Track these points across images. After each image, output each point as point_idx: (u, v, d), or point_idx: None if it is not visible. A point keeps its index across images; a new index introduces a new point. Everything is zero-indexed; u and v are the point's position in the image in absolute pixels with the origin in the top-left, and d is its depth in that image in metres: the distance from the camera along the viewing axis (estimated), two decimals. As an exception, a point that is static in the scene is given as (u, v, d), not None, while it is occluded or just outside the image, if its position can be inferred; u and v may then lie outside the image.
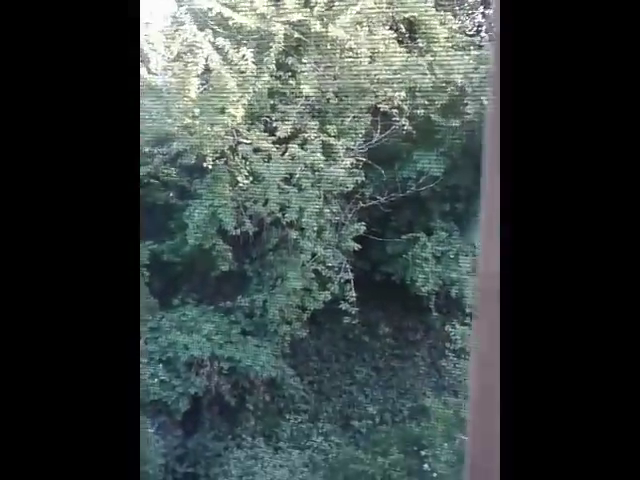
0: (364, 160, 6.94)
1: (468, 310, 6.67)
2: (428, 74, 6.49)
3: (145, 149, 6.95)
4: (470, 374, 1.54)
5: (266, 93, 6.97)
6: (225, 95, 6.95)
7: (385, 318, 8.02)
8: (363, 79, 6.69)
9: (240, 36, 7.07)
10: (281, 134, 6.90)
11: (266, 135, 6.99)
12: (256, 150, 7.01)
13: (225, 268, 7.25)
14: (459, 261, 6.93)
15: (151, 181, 7.28)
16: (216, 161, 6.96)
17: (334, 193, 7.03)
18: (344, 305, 7.00)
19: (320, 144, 6.86)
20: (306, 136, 6.90)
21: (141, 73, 6.86)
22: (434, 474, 6.45)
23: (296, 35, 6.84)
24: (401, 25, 6.74)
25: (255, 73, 6.83)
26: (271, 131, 7.00)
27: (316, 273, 7.15)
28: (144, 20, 7.01)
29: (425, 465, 6.52)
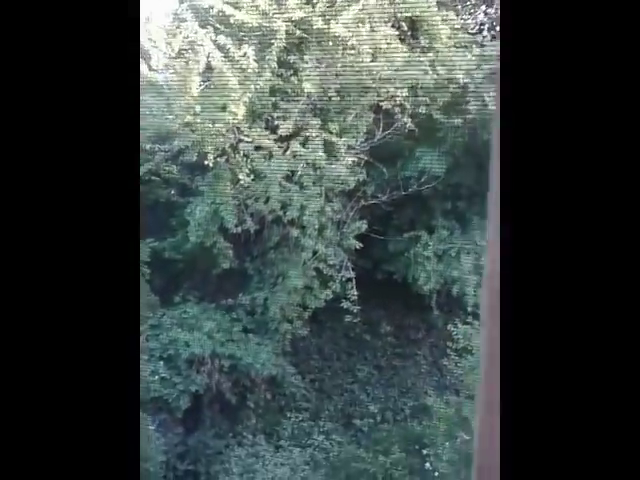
0: (366, 158, 6.93)
1: (470, 309, 6.66)
2: (430, 72, 6.47)
3: (146, 146, 6.94)
4: (480, 373, 1.54)
5: (268, 91, 6.95)
6: (226, 93, 6.94)
7: (387, 316, 8.00)
8: (365, 77, 6.67)
9: (242, 33, 7.06)
10: (283, 132, 6.88)
11: (268, 133, 6.97)
12: (257, 148, 7.00)
13: (226, 266, 7.26)
14: (461, 259, 6.90)
15: (152, 178, 7.28)
16: (217, 159, 6.95)
17: (336, 191, 7.01)
18: (345, 303, 6.98)
19: (322, 142, 6.84)
20: (308, 134, 6.88)
21: (142, 70, 6.85)
22: (435, 473, 6.44)
23: (298, 33, 6.82)
24: (403, 23, 6.72)
25: (257, 71, 6.81)
26: (273, 129, 6.99)
27: (317, 271, 7.13)
28: (145, 16, 7.01)
29: (427, 464, 6.51)
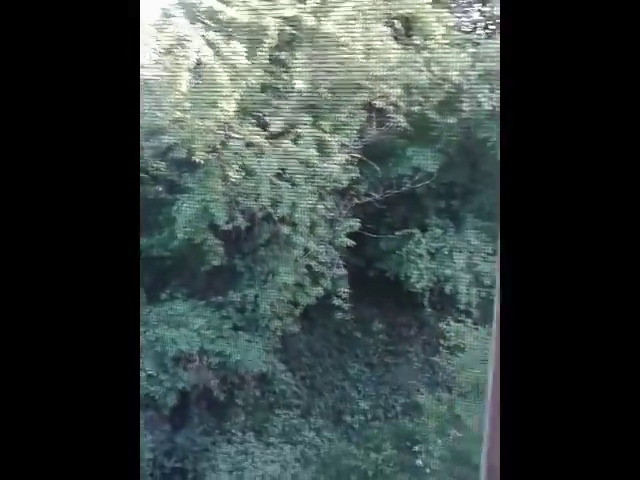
0: (359, 156, 6.92)
1: (462, 307, 6.69)
2: (424, 71, 6.47)
3: (135, 143, 6.87)
4: (489, 374, 1.54)
5: (259, 88, 6.92)
6: (216, 89, 6.89)
7: (379, 314, 8.01)
8: (358, 75, 6.65)
9: (231, 30, 7.02)
10: (274, 129, 6.85)
11: (258, 130, 6.94)
12: (248, 145, 6.96)
13: (217, 263, 7.22)
14: (453, 257, 6.93)
15: (141, 175, 7.22)
16: (207, 155, 6.91)
17: (328, 189, 7.00)
18: (337, 301, 6.99)
19: (313, 140, 6.82)
20: (299, 131, 6.86)
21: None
22: (427, 469, 6.47)
23: (289, 30, 6.79)
24: (397, 21, 6.71)
25: (247, 67, 6.77)
26: (263, 126, 6.96)
27: (308, 269, 7.12)
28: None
29: (418, 461, 6.55)
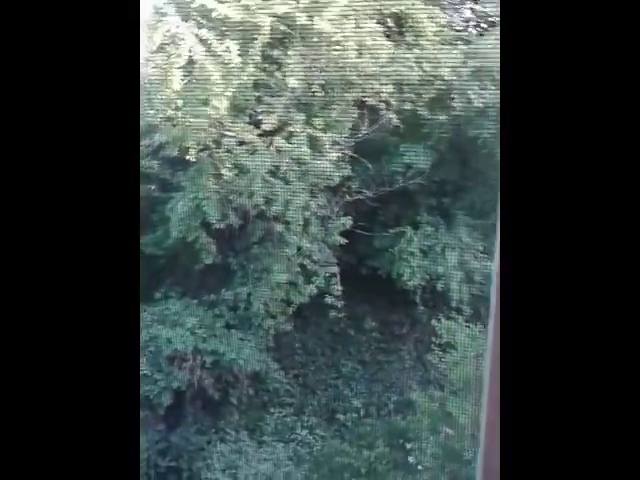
0: (351, 154, 6.92)
1: (454, 304, 6.72)
2: (415, 68, 6.47)
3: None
4: (485, 372, 1.54)
5: (251, 85, 6.91)
6: (209, 87, 6.88)
7: (371, 312, 8.01)
8: (350, 72, 6.66)
9: (224, 28, 7.00)
10: (266, 127, 6.85)
11: (251, 128, 6.93)
12: (241, 143, 6.95)
13: (209, 261, 7.20)
14: (445, 255, 6.95)
15: (135, 174, 7.18)
16: (200, 153, 6.89)
17: (320, 187, 7.00)
18: (330, 299, 6.99)
19: (306, 137, 6.82)
20: (292, 129, 6.86)
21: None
22: (419, 467, 6.49)
23: (282, 27, 6.78)
24: (389, 19, 6.72)
25: (240, 65, 6.76)
26: (256, 124, 6.95)
27: (302, 267, 7.12)
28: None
29: (410, 458, 6.56)
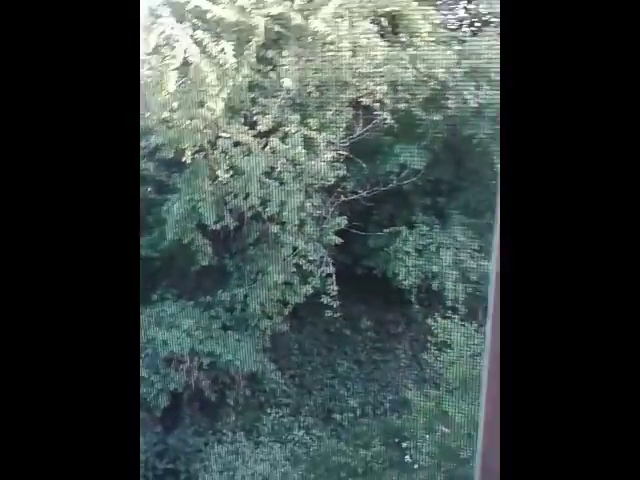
0: (346, 154, 6.93)
1: (449, 303, 6.73)
2: (410, 68, 6.49)
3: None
4: (484, 372, 1.54)
5: (246, 86, 6.91)
6: (204, 88, 6.88)
7: (367, 311, 8.03)
8: (345, 72, 6.67)
9: (219, 29, 7.00)
10: (261, 128, 6.85)
11: (246, 129, 6.94)
12: (236, 144, 6.95)
13: (205, 263, 7.20)
14: (440, 254, 6.96)
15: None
16: (195, 155, 6.89)
17: (315, 187, 7.01)
18: (325, 299, 6.99)
19: (301, 138, 6.83)
20: (287, 130, 6.86)
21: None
22: (415, 465, 6.51)
23: (276, 28, 6.79)
24: (383, 19, 6.73)
25: (235, 66, 6.76)
26: (251, 125, 6.95)
27: (297, 267, 7.13)
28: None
29: (406, 457, 6.59)
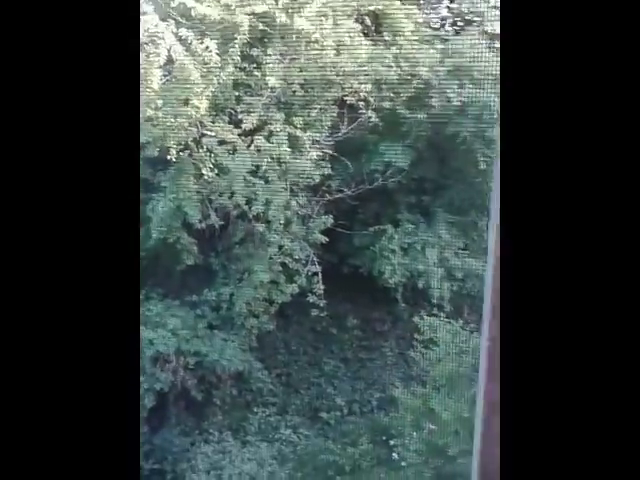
0: (330, 152, 6.92)
1: (435, 301, 6.77)
2: (394, 67, 6.50)
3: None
4: (480, 373, 1.53)
5: (231, 85, 6.87)
6: (188, 86, 6.83)
7: (353, 310, 8.03)
8: (329, 71, 6.67)
9: (204, 27, 6.96)
10: (246, 126, 6.83)
11: (231, 127, 6.91)
12: (221, 142, 6.92)
13: (191, 262, 7.17)
14: (426, 253, 6.99)
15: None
16: (180, 153, 6.85)
17: (301, 186, 7.00)
18: (312, 298, 6.98)
19: (286, 136, 6.82)
20: (272, 128, 6.84)
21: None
22: (403, 463, 6.54)
23: (261, 27, 6.77)
24: (367, 18, 6.74)
25: (219, 64, 6.73)
26: (236, 123, 6.92)
27: (283, 266, 7.12)
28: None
29: (394, 454, 6.61)
